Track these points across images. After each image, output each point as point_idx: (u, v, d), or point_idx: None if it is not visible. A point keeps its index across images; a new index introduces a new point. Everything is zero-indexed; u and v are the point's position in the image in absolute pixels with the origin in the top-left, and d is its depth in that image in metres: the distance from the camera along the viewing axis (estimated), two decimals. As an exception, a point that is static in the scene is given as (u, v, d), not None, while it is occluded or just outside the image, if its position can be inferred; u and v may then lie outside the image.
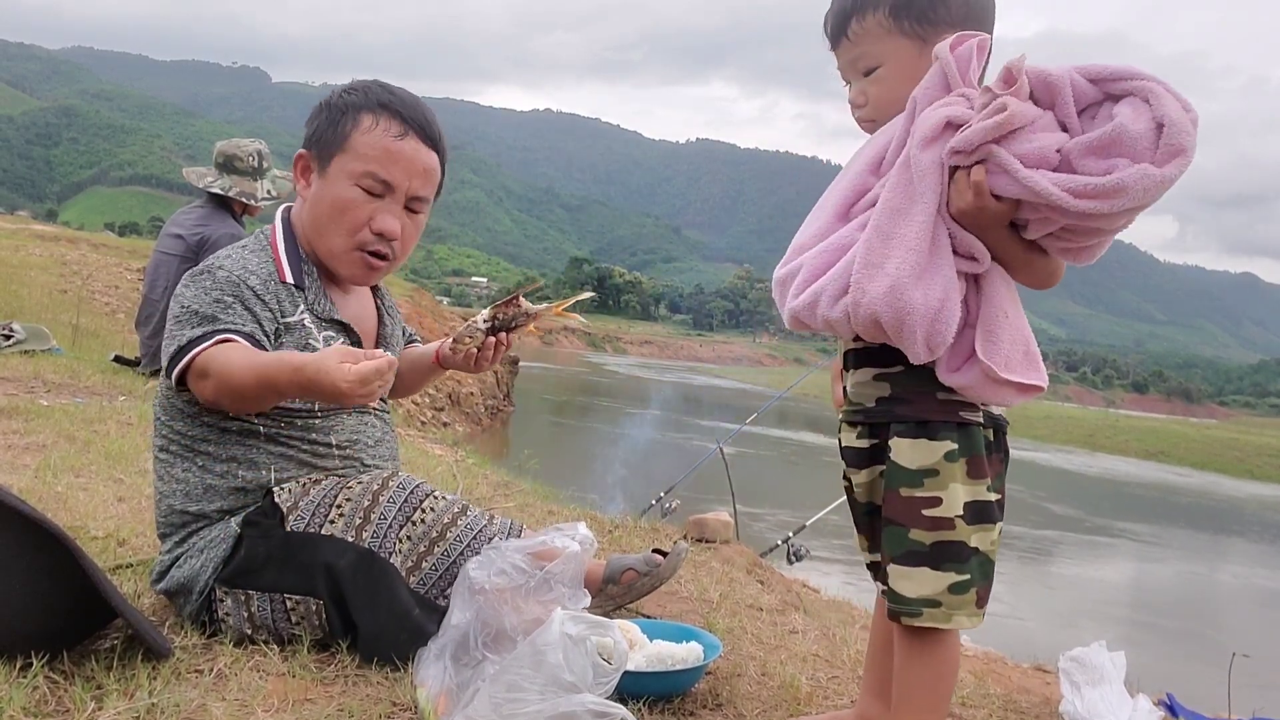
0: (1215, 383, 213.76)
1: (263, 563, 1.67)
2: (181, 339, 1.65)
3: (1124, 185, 1.21)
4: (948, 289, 1.30)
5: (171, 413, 1.78)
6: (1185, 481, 26.20)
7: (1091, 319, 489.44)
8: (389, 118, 1.79)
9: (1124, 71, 1.26)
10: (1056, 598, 10.08)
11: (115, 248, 14.96)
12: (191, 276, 1.74)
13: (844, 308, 1.34)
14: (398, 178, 1.79)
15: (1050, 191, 1.24)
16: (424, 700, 1.42)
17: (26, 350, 5.29)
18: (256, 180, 5.02)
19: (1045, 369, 1.39)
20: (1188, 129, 1.21)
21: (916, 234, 1.30)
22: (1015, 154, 1.27)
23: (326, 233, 1.81)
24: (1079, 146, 1.25)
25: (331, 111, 1.82)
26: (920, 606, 1.38)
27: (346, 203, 1.78)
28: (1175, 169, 1.21)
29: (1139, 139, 1.22)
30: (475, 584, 1.45)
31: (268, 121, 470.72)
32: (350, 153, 1.78)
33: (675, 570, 2.13)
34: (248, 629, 1.68)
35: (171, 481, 1.76)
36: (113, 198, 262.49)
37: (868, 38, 1.45)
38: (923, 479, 1.37)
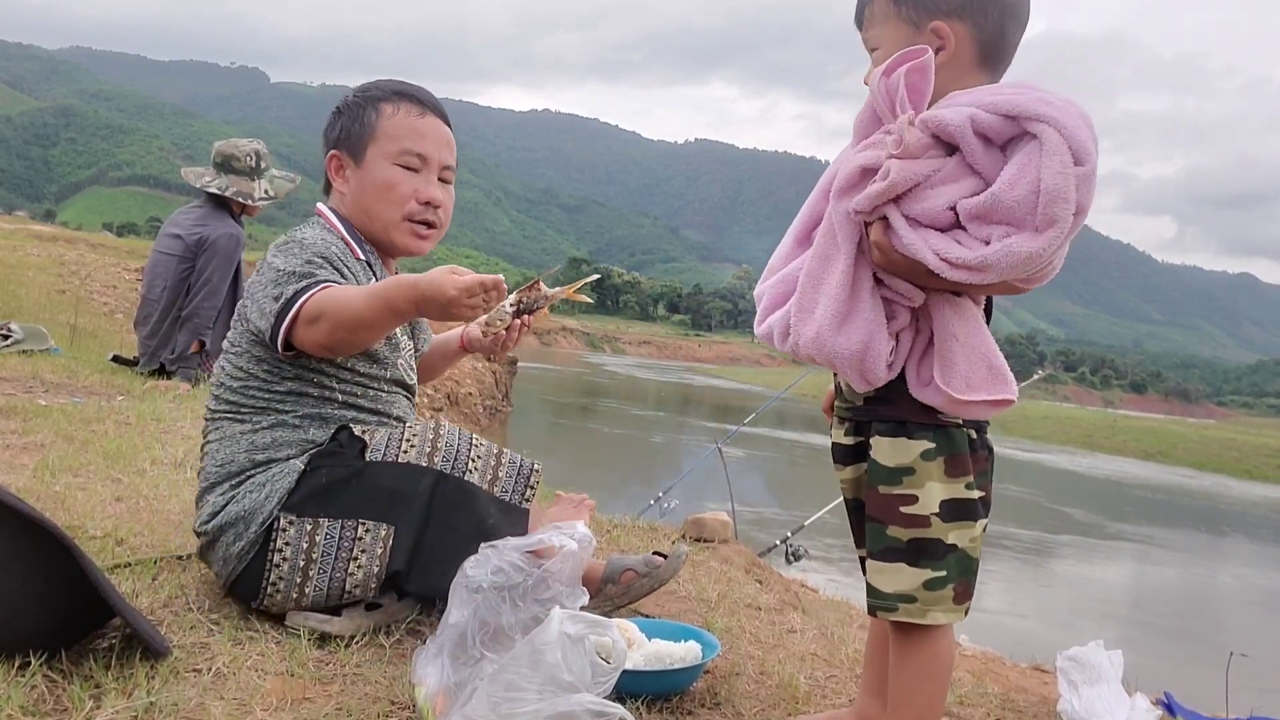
0: (1213, 383, 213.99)
1: (340, 488, 1.75)
2: (285, 293, 1.74)
3: (988, 263, 1.23)
4: (870, 332, 1.35)
5: (242, 380, 1.84)
6: (1183, 481, 26.21)
7: (1090, 319, 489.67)
8: (407, 101, 1.97)
9: (1025, 110, 1.25)
10: (1054, 597, 10.09)
11: (113, 248, 14.94)
12: (279, 248, 1.85)
13: (790, 346, 1.42)
14: (429, 150, 1.96)
15: (929, 260, 1.27)
16: (422, 699, 1.42)
17: (24, 350, 5.28)
18: (254, 180, 5.02)
19: (1013, 378, 1.38)
20: (1065, 194, 1.20)
21: (837, 283, 1.36)
22: (908, 213, 1.30)
23: (376, 211, 1.95)
24: (965, 210, 1.27)
25: (351, 110, 1.97)
26: (896, 601, 1.40)
27: (390, 181, 1.94)
28: (1051, 239, 1.21)
29: (1016, 207, 1.22)
30: (473, 582, 1.46)
31: (266, 122, 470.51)
32: (382, 138, 1.94)
33: (674, 573, 2.15)
34: (301, 560, 1.73)
35: (235, 440, 1.82)
36: (111, 198, 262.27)
37: (876, 20, 1.47)
38: (900, 477, 1.40)
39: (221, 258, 4.86)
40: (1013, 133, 1.26)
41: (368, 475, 1.76)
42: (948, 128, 1.28)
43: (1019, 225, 1.23)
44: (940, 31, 1.40)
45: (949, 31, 1.39)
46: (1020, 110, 1.24)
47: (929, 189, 1.29)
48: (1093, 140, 1.23)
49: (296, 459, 1.80)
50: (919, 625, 1.40)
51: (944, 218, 1.28)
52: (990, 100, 1.28)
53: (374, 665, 1.66)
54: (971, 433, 1.42)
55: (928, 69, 1.32)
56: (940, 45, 1.40)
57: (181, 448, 3.28)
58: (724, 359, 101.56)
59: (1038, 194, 1.21)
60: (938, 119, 1.28)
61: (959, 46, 1.40)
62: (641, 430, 20.03)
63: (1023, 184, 1.22)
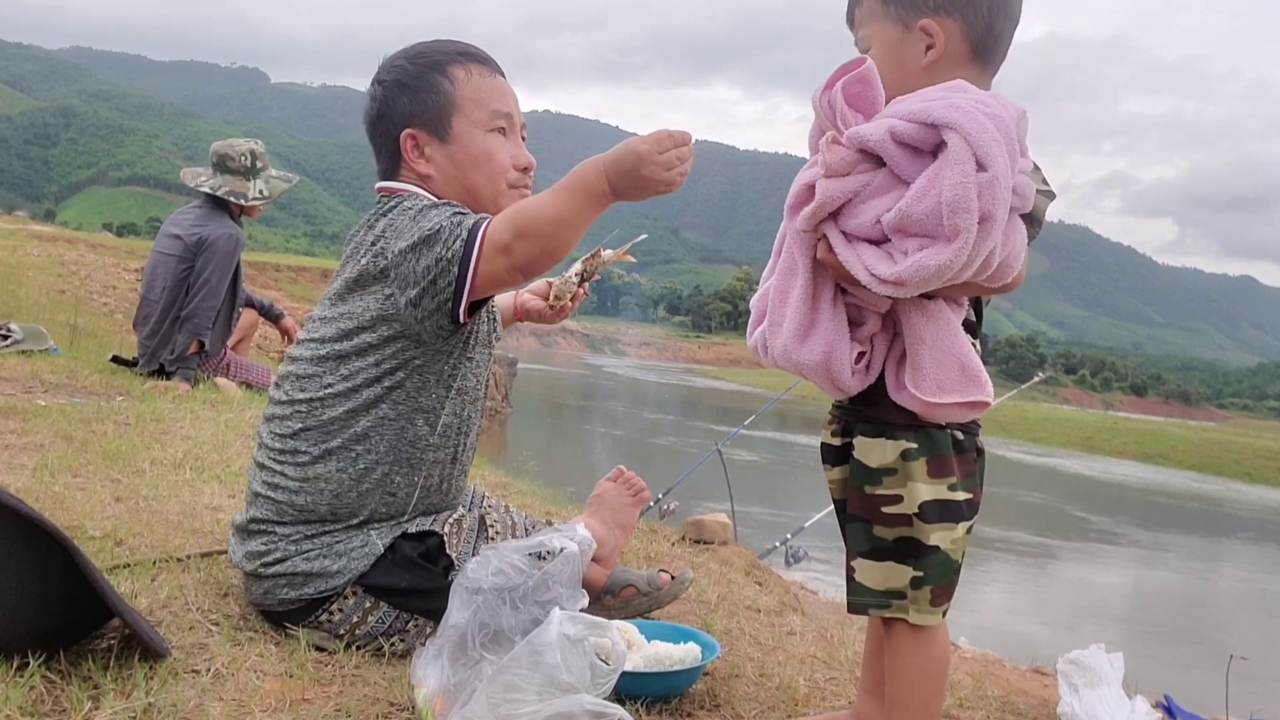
0: (1213, 385, 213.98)
1: (414, 595, 1.73)
2: (459, 234, 1.59)
3: (901, 278, 1.25)
4: (831, 343, 1.38)
5: (347, 409, 1.70)
6: (1183, 484, 26.20)
7: (1090, 321, 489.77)
8: (475, 63, 1.82)
9: (936, 118, 1.25)
10: (1054, 599, 10.09)
11: (113, 248, 14.95)
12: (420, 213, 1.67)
13: (769, 359, 1.47)
14: (513, 108, 1.84)
15: (860, 275, 1.30)
16: (421, 700, 1.42)
17: (24, 350, 5.27)
18: (249, 180, 5.01)
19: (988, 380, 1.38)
20: (966, 204, 1.20)
21: (798, 297, 1.39)
22: (844, 229, 1.32)
23: (479, 185, 1.80)
24: (886, 225, 1.28)
25: (416, 81, 1.78)
26: (888, 598, 1.41)
27: (490, 150, 1.80)
28: (958, 249, 1.21)
29: (926, 219, 1.23)
30: (473, 584, 1.46)
31: (266, 122, 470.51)
32: (466, 105, 1.78)
33: (675, 597, 2.18)
34: (346, 626, 1.72)
35: (318, 485, 1.71)
36: (111, 198, 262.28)
37: (866, 20, 1.48)
38: (881, 477, 1.40)
39: (221, 258, 4.86)
40: (936, 140, 1.26)
41: (444, 592, 1.66)
42: (868, 142, 1.29)
43: (933, 236, 1.24)
44: (929, 29, 1.40)
45: (938, 29, 1.40)
46: (932, 117, 1.25)
47: (860, 204, 1.31)
48: (1000, 144, 1.22)
49: (375, 531, 1.73)
50: (913, 626, 1.40)
51: (876, 231, 1.30)
52: (909, 109, 1.28)
53: (373, 666, 1.66)
54: (957, 434, 1.42)
55: (868, 77, 1.33)
56: (930, 43, 1.40)
57: (181, 448, 3.28)
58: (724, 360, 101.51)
59: (940, 204, 1.21)
60: (858, 134, 1.30)
61: (949, 43, 1.40)
62: (641, 432, 20.03)
63: (930, 196, 1.23)
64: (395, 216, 1.70)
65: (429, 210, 1.67)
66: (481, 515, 1.86)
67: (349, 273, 1.73)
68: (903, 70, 1.41)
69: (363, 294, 1.70)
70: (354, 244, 1.76)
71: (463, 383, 1.79)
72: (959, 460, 1.41)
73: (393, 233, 1.67)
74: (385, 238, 1.68)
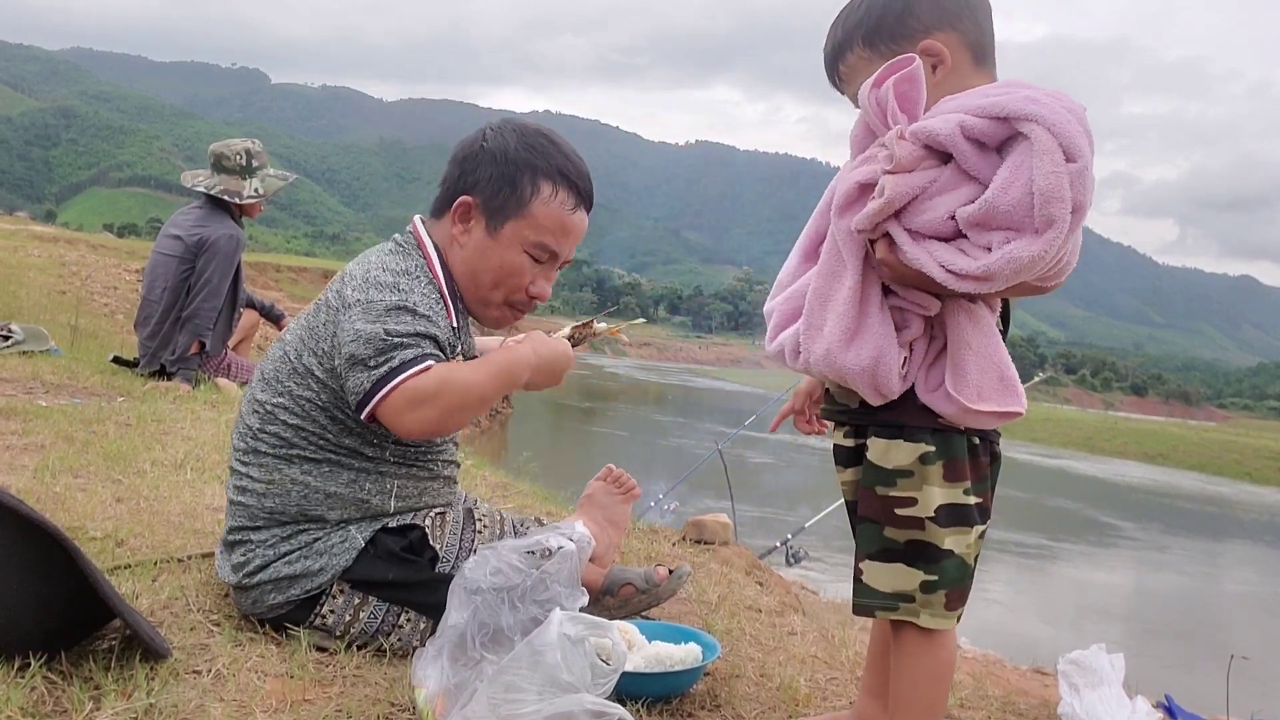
0: (1214, 385, 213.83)
1: (401, 588, 1.73)
2: (389, 361, 1.58)
3: (991, 272, 1.22)
4: (880, 347, 1.34)
5: (300, 420, 1.72)
6: (1184, 484, 26.18)
7: (1090, 321, 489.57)
8: (567, 189, 1.80)
9: (1013, 111, 1.23)
10: (1055, 600, 10.08)
11: (114, 248, 14.93)
12: (372, 281, 1.67)
13: (801, 363, 1.42)
14: (565, 249, 1.84)
15: (934, 273, 1.27)
16: (422, 700, 1.42)
17: (25, 351, 5.27)
18: (245, 179, 5.01)
19: (1023, 391, 1.38)
20: (1060, 194, 1.19)
21: (844, 300, 1.35)
22: (909, 227, 1.29)
23: (484, 287, 1.82)
24: (964, 219, 1.26)
25: (507, 167, 1.77)
26: (896, 601, 1.40)
27: (515, 268, 1.80)
28: (1051, 240, 1.20)
29: (1013, 211, 1.21)
30: (472, 583, 1.46)
31: (267, 123, 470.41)
32: (528, 220, 1.78)
33: (674, 593, 2.18)
34: (341, 626, 1.73)
35: (285, 487, 1.72)
36: (111, 198, 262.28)
37: (856, 74, 1.46)
38: (896, 479, 1.39)
39: (221, 258, 4.86)
40: (1005, 134, 1.25)
41: (431, 584, 1.71)
42: (937, 137, 1.27)
43: (1018, 229, 1.22)
44: (932, 49, 1.39)
45: (941, 46, 1.39)
46: (1008, 111, 1.23)
47: (927, 200, 1.28)
48: (1084, 135, 1.22)
49: (354, 526, 1.74)
50: (922, 629, 1.39)
51: (946, 227, 1.27)
52: (978, 104, 1.27)
53: (374, 667, 1.66)
54: (974, 439, 1.41)
55: (916, 77, 1.31)
56: (937, 61, 1.40)
57: (182, 449, 3.28)
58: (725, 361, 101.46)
59: (1032, 196, 1.20)
60: (927, 130, 1.28)
61: (955, 56, 1.40)
62: (642, 432, 20.02)
63: (1016, 187, 1.21)
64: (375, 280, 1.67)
65: (395, 311, 1.63)
66: (469, 509, 1.88)
67: (327, 297, 1.75)
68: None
69: (327, 318, 1.71)
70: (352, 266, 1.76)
71: None
72: (973, 464, 1.41)
73: (361, 292, 1.65)
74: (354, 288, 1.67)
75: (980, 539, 1.42)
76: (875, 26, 1.43)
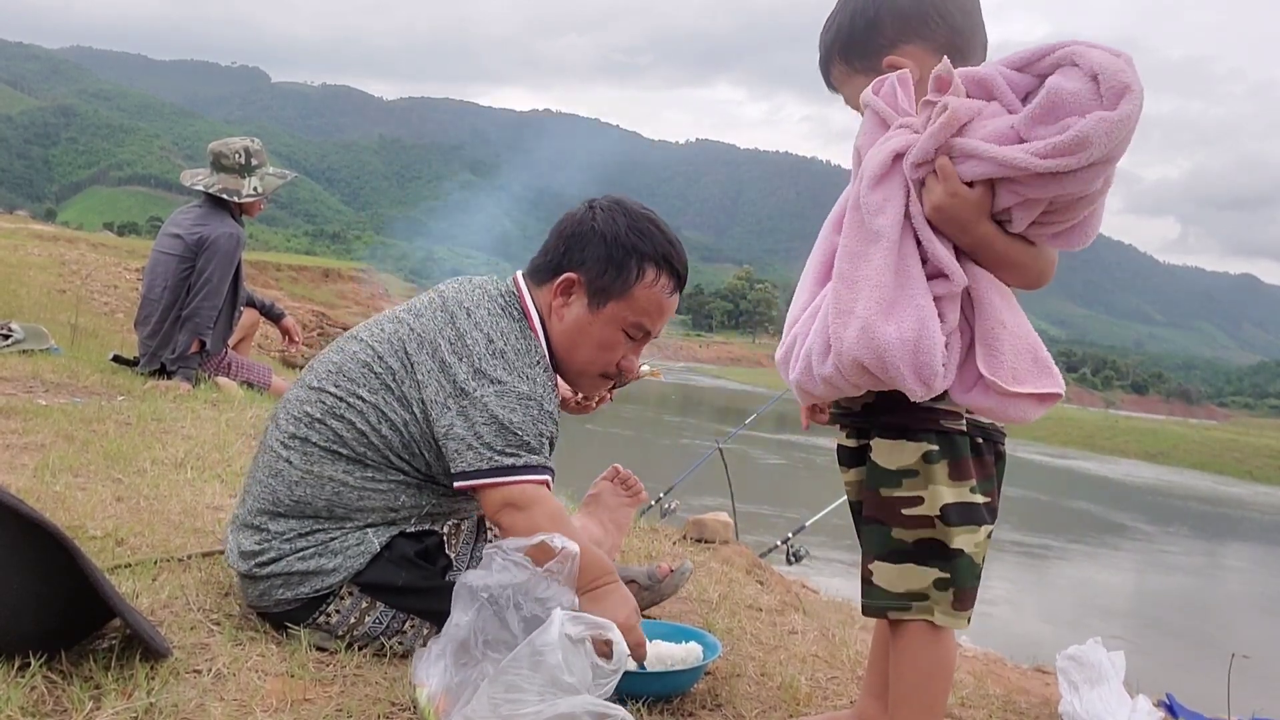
0: (1214, 384, 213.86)
1: (410, 594, 1.73)
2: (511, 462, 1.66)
3: (1084, 134, 1.18)
4: (922, 317, 1.26)
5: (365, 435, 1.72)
6: (1184, 482, 26.19)
7: (1090, 320, 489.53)
8: (668, 275, 1.86)
9: (1043, 49, 1.25)
10: (1056, 598, 10.09)
11: (114, 247, 14.93)
12: (496, 354, 1.72)
13: (832, 361, 1.32)
14: (658, 328, 1.91)
15: (1017, 158, 1.21)
16: (423, 700, 1.42)
17: (25, 350, 5.27)
18: (243, 177, 5.01)
19: (1059, 372, 1.36)
20: (1123, 68, 1.19)
21: (878, 270, 1.28)
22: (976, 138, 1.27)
23: (580, 361, 1.87)
24: (1024, 120, 1.24)
25: (615, 250, 1.82)
26: (909, 600, 1.39)
27: (612, 344, 1.86)
28: (1128, 105, 1.18)
29: (1077, 94, 1.20)
30: (475, 583, 1.45)
31: (267, 122, 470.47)
32: (629, 302, 1.83)
33: (676, 590, 2.19)
34: (344, 627, 1.72)
35: (320, 481, 1.72)
36: (111, 197, 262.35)
37: (843, 84, 1.53)
38: (901, 479, 1.39)
39: (221, 257, 4.86)
40: (1032, 84, 1.27)
41: (441, 592, 1.68)
42: (980, 76, 1.28)
43: (1089, 109, 1.19)
44: (895, 65, 1.42)
45: (903, 61, 1.42)
46: (1036, 51, 1.26)
47: (984, 120, 1.27)
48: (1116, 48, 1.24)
49: (371, 530, 1.74)
50: (924, 627, 1.39)
51: (1010, 135, 1.25)
52: (1006, 57, 1.30)
53: (375, 666, 1.66)
54: (977, 438, 1.41)
55: (908, 80, 1.37)
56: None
57: (182, 448, 3.28)
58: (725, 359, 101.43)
59: (1095, 76, 1.19)
60: (969, 72, 1.29)
61: (924, 62, 1.40)
62: (642, 431, 20.02)
63: (1074, 79, 1.21)
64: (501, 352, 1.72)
65: (527, 403, 1.69)
66: (482, 517, 1.86)
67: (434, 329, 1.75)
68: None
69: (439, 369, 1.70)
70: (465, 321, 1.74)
71: None
72: (977, 464, 1.40)
73: (488, 363, 1.70)
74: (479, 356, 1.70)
75: (988, 539, 1.42)
76: (847, 43, 1.49)
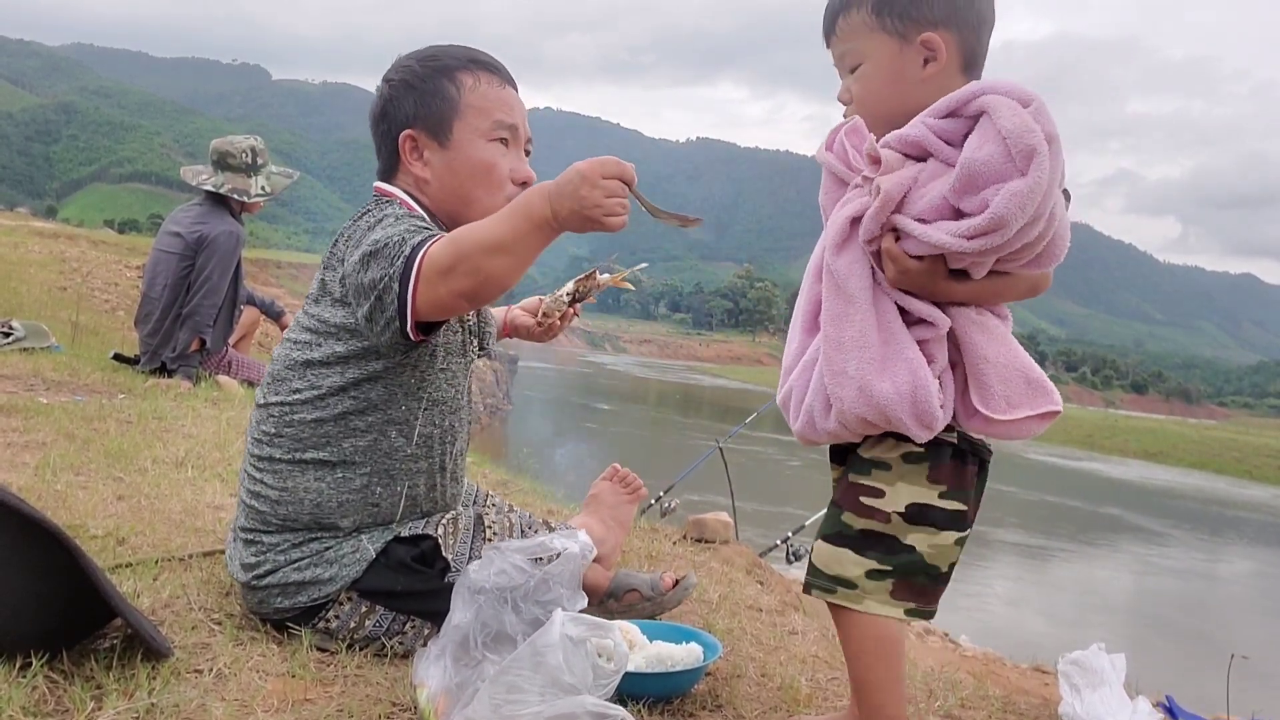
0: (1214, 383, 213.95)
1: (410, 597, 1.72)
2: (402, 252, 1.53)
3: (999, 215, 1.21)
4: (913, 369, 1.32)
5: (315, 418, 1.70)
6: (1184, 482, 26.19)
7: (1090, 319, 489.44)
8: (486, 71, 1.79)
9: (962, 97, 1.28)
10: (1056, 598, 10.09)
11: (115, 245, 14.94)
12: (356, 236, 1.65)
13: (835, 418, 1.38)
14: (518, 119, 1.80)
15: (946, 243, 1.27)
16: (424, 700, 1.42)
17: (26, 348, 5.28)
18: (250, 177, 5.02)
19: (1054, 388, 1.38)
20: (1029, 127, 1.21)
21: (860, 331, 1.34)
22: (914, 215, 1.31)
23: (475, 197, 1.77)
24: (951, 192, 1.27)
25: (423, 84, 1.76)
26: (835, 584, 1.40)
27: (488, 161, 1.77)
28: (1038, 171, 1.20)
29: (990, 163, 1.22)
30: (475, 584, 1.46)
31: (267, 119, 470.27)
32: (469, 112, 1.76)
33: (679, 603, 2.17)
34: (345, 631, 1.72)
35: (298, 495, 1.70)
36: (112, 195, 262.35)
37: (853, 34, 1.46)
38: (871, 469, 1.40)
39: (221, 255, 4.86)
40: (964, 129, 1.29)
41: (441, 593, 1.67)
42: (909, 137, 1.32)
43: (1004, 177, 1.23)
44: (931, 43, 1.40)
45: (940, 42, 1.39)
46: (958, 98, 1.28)
47: (920, 189, 1.31)
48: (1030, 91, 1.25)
49: (366, 536, 1.73)
50: (855, 610, 1.40)
51: (945, 207, 1.29)
52: (934, 106, 1.32)
53: (375, 667, 1.66)
54: (962, 446, 1.41)
55: (860, 129, 1.39)
56: (931, 56, 1.40)
57: (183, 447, 3.28)
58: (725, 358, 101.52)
59: (1004, 140, 1.22)
60: (901, 135, 1.33)
61: (949, 56, 1.40)
62: (642, 429, 20.03)
63: (987, 143, 1.24)
64: (358, 224, 1.69)
65: (386, 221, 1.62)
66: (479, 514, 1.85)
67: (321, 276, 1.74)
68: (900, 83, 1.42)
69: (329, 301, 1.70)
70: (330, 245, 1.75)
71: (436, 393, 1.77)
72: (956, 471, 1.40)
73: (351, 243, 1.66)
74: (346, 246, 1.67)
75: (958, 546, 1.41)
76: None
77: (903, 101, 1.37)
